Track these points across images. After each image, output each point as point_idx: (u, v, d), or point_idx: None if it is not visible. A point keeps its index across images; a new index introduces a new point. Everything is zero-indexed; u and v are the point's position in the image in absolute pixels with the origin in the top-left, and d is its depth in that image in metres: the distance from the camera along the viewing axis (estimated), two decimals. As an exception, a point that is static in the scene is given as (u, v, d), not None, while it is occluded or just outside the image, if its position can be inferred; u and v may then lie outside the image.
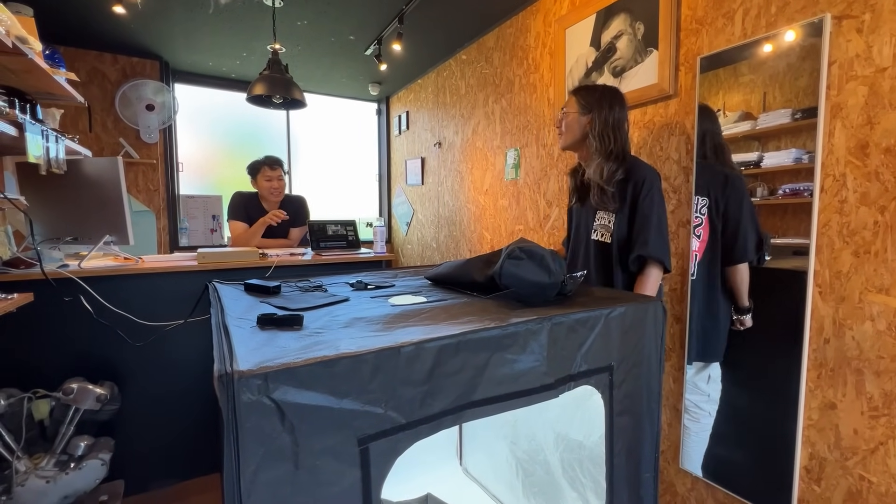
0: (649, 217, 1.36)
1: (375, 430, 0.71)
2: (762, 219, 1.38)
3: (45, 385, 1.60)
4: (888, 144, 1.09)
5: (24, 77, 1.65)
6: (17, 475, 1.48)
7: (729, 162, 1.45)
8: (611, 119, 1.44)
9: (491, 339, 0.84)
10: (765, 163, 1.37)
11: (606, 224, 1.45)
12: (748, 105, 1.40)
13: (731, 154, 1.45)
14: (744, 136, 1.41)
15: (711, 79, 1.47)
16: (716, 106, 1.48)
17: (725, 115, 1.46)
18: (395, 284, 1.52)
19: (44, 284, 1.53)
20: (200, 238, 3.48)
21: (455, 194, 3.15)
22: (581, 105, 1.48)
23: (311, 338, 0.80)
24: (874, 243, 1.12)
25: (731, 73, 1.42)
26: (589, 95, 1.48)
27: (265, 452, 0.62)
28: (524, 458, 1.65)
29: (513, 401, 0.87)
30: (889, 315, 1.10)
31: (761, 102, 1.36)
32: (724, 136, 1.47)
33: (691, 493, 1.60)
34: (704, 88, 1.50)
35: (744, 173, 1.42)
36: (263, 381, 0.62)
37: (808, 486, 1.28)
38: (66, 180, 1.70)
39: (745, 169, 1.42)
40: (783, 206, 1.32)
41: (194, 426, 1.93)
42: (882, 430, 1.13)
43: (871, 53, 1.12)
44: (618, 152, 1.43)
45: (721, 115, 1.47)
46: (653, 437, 1.15)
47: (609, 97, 1.46)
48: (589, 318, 0.99)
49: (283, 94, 2.34)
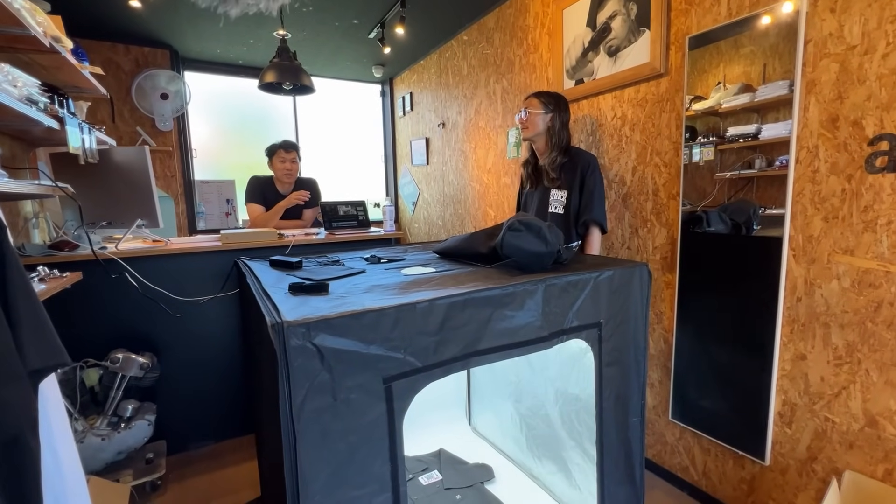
0: (594, 192, 1.78)
1: (397, 372, 0.86)
2: (761, 191, 1.43)
3: (93, 355, 1.78)
4: (855, 117, 1.19)
5: (56, 73, 1.77)
6: (77, 434, 1.67)
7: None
8: (564, 118, 1.86)
9: (493, 297, 0.97)
10: (763, 135, 1.40)
11: (560, 199, 1.87)
12: (748, 77, 1.41)
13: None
14: (742, 109, 1.44)
15: (712, 51, 1.49)
16: (716, 79, 1.51)
17: (725, 87, 1.48)
18: (405, 258, 1.66)
19: (90, 264, 1.68)
20: (216, 221, 3.63)
21: (459, 173, 3.25)
22: (544, 105, 1.85)
23: (338, 300, 0.94)
24: (841, 209, 1.23)
25: (732, 44, 1.44)
26: (548, 99, 1.86)
27: (310, 386, 0.77)
28: (527, 413, 1.81)
29: (512, 350, 1.01)
30: (853, 273, 1.22)
31: (761, 74, 1.38)
32: (724, 109, 1.50)
33: (679, 442, 1.76)
34: (705, 61, 1.52)
35: (742, 145, 1.46)
36: (307, 330, 0.76)
37: (781, 429, 1.42)
38: (98, 169, 1.84)
39: (742, 141, 1.45)
40: (781, 177, 1.36)
41: (227, 392, 2.11)
42: (844, 376, 1.26)
43: (843, 32, 1.20)
44: (566, 144, 1.87)
45: (721, 87, 1.50)
46: (639, 387, 1.30)
47: (562, 102, 1.88)
48: (580, 281, 1.12)
49: (293, 80, 2.44)
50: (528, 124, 1.87)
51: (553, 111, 1.84)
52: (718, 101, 1.52)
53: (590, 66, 2.01)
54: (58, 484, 0.67)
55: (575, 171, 1.81)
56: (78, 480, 0.72)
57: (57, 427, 0.67)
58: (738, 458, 1.55)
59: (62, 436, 0.68)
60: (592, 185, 1.78)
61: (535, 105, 1.86)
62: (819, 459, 1.33)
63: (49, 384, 0.66)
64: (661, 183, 1.75)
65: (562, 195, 1.86)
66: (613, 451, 1.26)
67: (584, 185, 1.79)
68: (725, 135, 1.51)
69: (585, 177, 1.79)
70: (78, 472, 0.72)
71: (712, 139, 1.55)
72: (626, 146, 1.88)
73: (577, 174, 1.80)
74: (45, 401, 0.64)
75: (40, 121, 1.32)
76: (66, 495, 0.68)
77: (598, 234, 1.81)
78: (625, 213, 1.92)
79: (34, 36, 1.33)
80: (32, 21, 1.33)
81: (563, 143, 1.86)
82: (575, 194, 1.81)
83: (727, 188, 1.53)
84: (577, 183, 1.80)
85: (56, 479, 0.67)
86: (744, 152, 1.47)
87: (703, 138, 1.58)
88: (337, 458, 0.81)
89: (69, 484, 0.69)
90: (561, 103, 1.86)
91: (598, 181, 1.79)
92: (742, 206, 1.52)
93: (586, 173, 1.79)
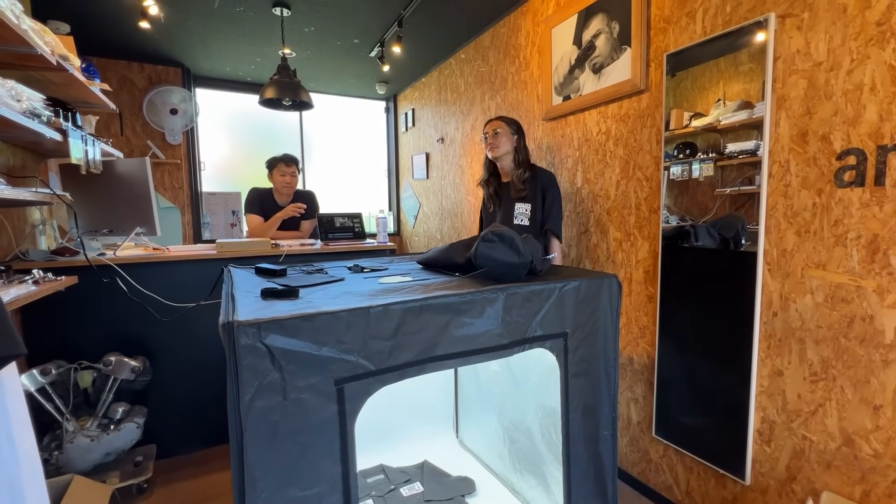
0: (553, 205, 1.95)
1: (349, 374, 0.89)
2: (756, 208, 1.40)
3: (87, 358, 1.84)
4: (823, 132, 1.20)
5: (66, 88, 1.88)
6: (67, 434, 1.73)
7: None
8: (524, 139, 2.06)
9: (450, 304, 1.00)
10: (761, 151, 1.37)
11: (525, 212, 2.02)
12: (748, 94, 1.41)
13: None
14: (742, 125, 1.43)
15: (712, 68, 1.49)
16: (716, 95, 1.51)
17: (725, 104, 1.49)
18: (388, 268, 1.69)
19: (86, 270, 1.76)
20: (221, 232, 3.74)
21: (456, 187, 3.30)
22: (510, 127, 2.04)
23: (303, 305, 0.97)
24: (813, 223, 1.23)
25: (731, 62, 1.44)
26: (512, 122, 2.06)
27: (259, 385, 0.80)
28: (510, 426, 1.81)
29: (470, 357, 1.02)
30: (825, 288, 1.21)
31: (761, 91, 1.37)
32: (723, 125, 1.50)
33: (663, 460, 1.73)
34: (705, 79, 1.52)
35: (741, 161, 1.46)
36: (257, 329, 0.79)
37: (761, 448, 1.39)
38: (102, 179, 1.93)
39: (742, 157, 1.45)
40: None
41: (217, 398, 2.15)
42: (820, 393, 1.24)
43: (810, 49, 1.22)
44: (528, 162, 2.06)
45: (721, 104, 1.50)
46: (610, 399, 1.29)
47: (520, 125, 2.09)
48: (543, 290, 1.14)
49: (292, 96, 2.53)
50: (498, 143, 2.02)
51: (516, 132, 2.04)
52: (717, 118, 1.52)
53: (576, 83, 2.05)
54: (14, 471, 0.71)
55: (536, 185, 1.97)
56: (34, 469, 0.75)
57: (15, 416, 0.71)
58: (719, 477, 1.52)
59: (20, 425, 0.72)
60: (552, 199, 1.95)
61: (503, 126, 2.03)
62: (798, 479, 1.30)
63: (8, 374, 0.70)
64: (642, 197, 1.76)
65: (526, 207, 2.01)
66: (582, 463, 1.25)
67: (545, 198, 1.96)
68: (725, 151, 1.51)
69: (546, 191, 1.96)
70: (35, 460, 0.75)
71: (712, 155, 1.55)
72: (610, 161, 1.90)
73: (538, 188, 1.97)
74: (2, 389, 0.68)
75: (42, 132, 1.40)
76: (21, 483, 0.72)
77: (557, 242, 1.98)
78: (609, 226, 1.93)
79: (41, 55, 1.43)
80: (40, 41, 1.43)
81: (527, 160, 2.05)
82: (538, 207, 1.97)
83: (728, 204, 1.52)
84: (539, 196, 1.97)
85: (13, 466, 0.70)
86: (744, 168, 1.45)
87: (702, 154, 1.58)
88: (286, 457, 0.83)
89: (25, 472, 0.72)
90: (520, 127, 2.08)
91: (556, 195, 1.97)
92: (731, 221, 1.52)
93: (547, 188, 1.96)
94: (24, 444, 0.73)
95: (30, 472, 0.74)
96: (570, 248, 2.18)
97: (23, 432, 0.73)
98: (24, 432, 0.73)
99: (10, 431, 0.70)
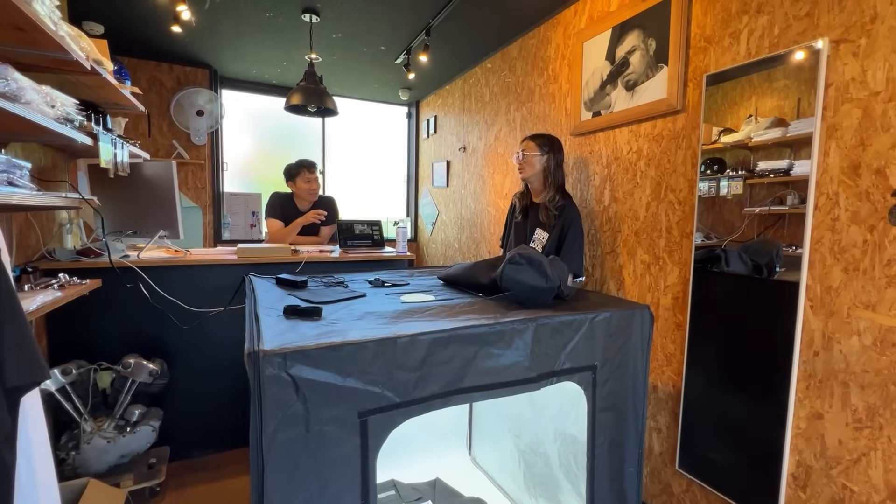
0: (574, 244, 1.89)
1: (374, 406, 0.86)
2: (793, 228, 1.34)
3: (107, 359, 1.85)
4: (878, 166, 1.13)
5: (98, 91, 1.90)
6: (84, 434, 1.73)
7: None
8: (558, 159, 1.97)
9: (479, 335, 0.96)
10: (795, 171, 1.33)
11: (541, 239, 1.97)
12: (782, 111, 1.35)
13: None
14: (774, 143, 1.37)
15: (744, 83, 1.44)
16: (747, 111, 1.45)
17: (757, 120, 1.43)
18: (409, 283, 1.66)
19: (109, 272, 1.77)
20: (241, 233, 3.76)
21: (477, 197, 3.26)
22: (539, 147, 1.96)
23: (327, 327, 0.95)
24: (863, 261, 1.16)
25: (765, 77, 1.38)
26: (543, 141, 1.98)
27: (282, 416, 0.77)
28: (526, 450, 1.76)
29: (497, 390, 0.99)
30: (874, 331, 1.14)
31: (796, 108, 1.31)
32: (754, 143, 1.43)
33: (686, 495, 1.66)
34: (736, 94, 1.47)
35: (772, 180, 1.39)
36: (283, 360, 0.77)
37: (795, 493, 1.32)
38: (129, 181, 1.94)
39: (773, 176, 1.39)
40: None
41: (231, 404, 2.15)
42: (865, 441, 1.17)
43: (866, 77, 1.15)
44: (560, 185, 1.98)
45: (753, 120, 1.44)
46: (637, 435, 1.24)
47: (556, 143, 1.99)
48: (574, 321, 1.10)
49: (318, 103, 2.53)
50: (525, 165, 1.99)
51: (548, 152, 1.96)
52: (749, 135, 1.45)
53: (607, 99, 1.99)
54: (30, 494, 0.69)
55: (560, 220, 1.93)
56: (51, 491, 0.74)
57: (36, 440, 0.70)
58: (747, 519, 1.45)
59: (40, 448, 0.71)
60: (573, 237, 1.89)
61: (532, 147, 1.97)
62: (835, 530, 1.23)
63: (31, 399, 0.69)
64: (674, 220, 1.70)
65: (544, 236, 1.96)
66: (605, 500, 1.20)
67: (564, 235, 1.89)
68: (755, 169, 1.44)
69: (568, 229, 1.90)
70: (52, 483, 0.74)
71: (741, 173, 1.48)
72: (640, 181, 1.85)
73: (561, 223, 1.92)
74: (24, 415, 0.67)
75: (74, 137, 1.41)
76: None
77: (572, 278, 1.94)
78: (637, 248, 1.87)
79: (76, 60, 1.44)
80: (76, 47, 1.44)
81: (560, 182, 1.98)
82: (554, 240, 1.92)
83: (756, 223, 1.45)
84: (558, 231, 1.91)
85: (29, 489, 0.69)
86: (775, 188, 1.39)
87: (731, 171, 1.52)
88: (306, 490, 0.81)
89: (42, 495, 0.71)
90: (555, 145, 1.98)
91: (578, 233, 1.91)
92: (764, 246, 1.45)
93: (569, 226, 1.90)
94: (42, 467, 0.72)
95: (46, 494, 0.73)
96: (593, 268, 2.12)
97: (42, 456, 0.72)
98: (42, 456, 0.72)
99: (30, 456, 0.69)
